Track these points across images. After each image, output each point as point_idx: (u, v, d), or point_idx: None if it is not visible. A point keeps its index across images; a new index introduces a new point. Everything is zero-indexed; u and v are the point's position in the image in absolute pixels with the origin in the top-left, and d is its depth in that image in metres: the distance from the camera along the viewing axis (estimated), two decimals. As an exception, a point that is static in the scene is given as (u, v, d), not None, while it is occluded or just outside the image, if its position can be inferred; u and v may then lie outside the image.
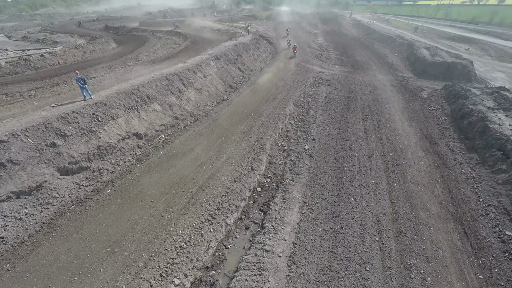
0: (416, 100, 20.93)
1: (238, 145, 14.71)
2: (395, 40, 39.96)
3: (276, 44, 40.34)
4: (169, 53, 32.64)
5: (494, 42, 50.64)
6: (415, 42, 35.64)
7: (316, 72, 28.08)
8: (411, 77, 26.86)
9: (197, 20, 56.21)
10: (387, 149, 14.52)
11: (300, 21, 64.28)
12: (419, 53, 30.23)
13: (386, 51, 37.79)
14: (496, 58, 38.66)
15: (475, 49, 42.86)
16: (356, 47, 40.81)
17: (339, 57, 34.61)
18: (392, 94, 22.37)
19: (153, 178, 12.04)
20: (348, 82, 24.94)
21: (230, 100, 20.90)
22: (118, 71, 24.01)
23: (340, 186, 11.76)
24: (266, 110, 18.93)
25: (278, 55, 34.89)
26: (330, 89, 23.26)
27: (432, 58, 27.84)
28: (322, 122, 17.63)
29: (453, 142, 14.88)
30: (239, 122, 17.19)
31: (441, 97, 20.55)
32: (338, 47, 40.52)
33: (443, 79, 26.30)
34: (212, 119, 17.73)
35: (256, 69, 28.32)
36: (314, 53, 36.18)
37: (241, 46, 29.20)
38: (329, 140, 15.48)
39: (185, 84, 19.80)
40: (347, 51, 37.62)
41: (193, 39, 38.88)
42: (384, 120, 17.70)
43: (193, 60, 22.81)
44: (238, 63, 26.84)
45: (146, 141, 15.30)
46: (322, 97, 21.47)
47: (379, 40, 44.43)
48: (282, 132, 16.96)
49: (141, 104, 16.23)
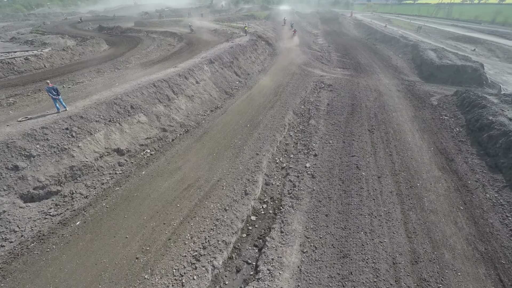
0: (425, 108, 19.24)
1: (231, 163, 13.03)
2: (399, 41, 38.22)
3: (275, 45, 38.61)
4: (162, 55, 30.92)
5: (499, 42, 48.92)
6: (420, 43, 33.91)
7: (317, 76, 26.37)
8: (418, 81, 25.16)
9: (193, 20, 54.38)
10: (399, 167, 12.85)
11: (300, 20, 62.47)
12: (425, 55, 28.52)
13: (389, 53, 36.06)
14: (504, 59, 36.96)
15: (482, 50, 41.15)
16: (358, 48, 39.06)
17: (341, 59, 32.88)
18: (399, 100, 20.67)
19: (132, 206, 10.37)
20: (351, 87, 23.23)
21: (224, 108, 19.20)
22: (106, 76, 22.32)
23: (347, 215, 10.10)
24: (263, 120, 17.23)
25: (277, 57, 33.15)
26: (332, 95, 21.56)
27: (440, 60, 26.13)
28: (324, 133, 15.94)
29: (472, 158, 13.21)
30: (233, 135, 15.49)
31: (453, 104, 18.86)
32: (339, 48, 38.77)
33: (452, 83, 24.61)
34: (204, 131, 16.04)
35: (253, 73, 26.59)
36: (315, 55, 34.45)
37: (237, 48, 27.46)
38: (332, 156, 13.80)
39: (175, 91, 18.10)
40: (349, 53, 35.89)
41: (189, 40, 37.15)
42: (392, 132, 16.02)
43: (184, 65, 21.08)
44: (234, 66, 25.12)
45: (129, 157, 13.62)
46: (324, 105, 19.78)
47: (381, 40, 42.68)
48: (281, 145, 15.28)
49: (124, 115, 14.53)
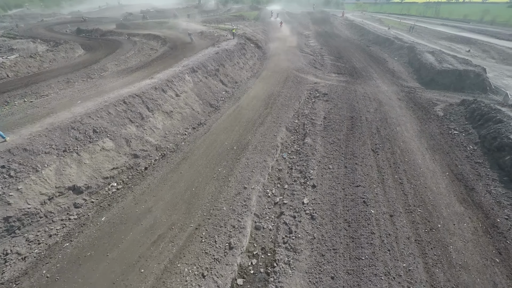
0: (431, 120, 17.34)
1: (213, 201, 10.70)
2: (393, 42, 36.51)
3: (265, 48, 36.31)
4: (143, 61, 28.25)
5: (491, 42, 48.05)
6: (416, 45, 32.24)
7: (311, 83, 24.23)
8: (418, 88, 23.33)
9: (179, 22, 51.53)
10: (413, 200, 10.79)
11: (290, 21, 60.35)
12: (423, 59, 26.78)
13: (384, 55, 34.28)
14: (500, 61, 35.77)
15: (476, 51, 39.95)
16: (351, 50, 37.17)
17: (335, 63, 30.86)
18: (401, 111, 18.72)
19: (81, 273, 7.93)
20: (348, 96, 21.17)
21: (208, 124, 16.80)
22: (77, 87, 19.65)
23: (358, 277, 7.94)
24: (253, 140, 14.92)
25: (267, 61, 30.86)
26: (328, 105, 19.43)
27: (440, 65, 24.40)
28: (322, 156, 13.77)
29: (495, 186, 11.29)
30: (217, 161, 13.13)
31: (461, 116, 17.02)
32: (332, 50, 36.79)
33: (454, 89, 22.90)
34: (183, 155, 13.62)
35: (241, 81, 24.23)
36: (307, 58, 32.32)
37: (223, 54, 25.02)
38: (334, 186, 11.64)
39: (150, 107, 15.58)
40: (342, 56, 33.92)
41: (173, 43, 34.50)
42: (399, 152, 13.99)
43: (162, 75, 18.54)
44: (220, 74, 22.69)
45: (89, 195, 11.11)
46: (320, 118, 17.63)
47: (375, 42, 40.94)
48: (273, 172, 13.02)
49: (84, 142, 11.97)
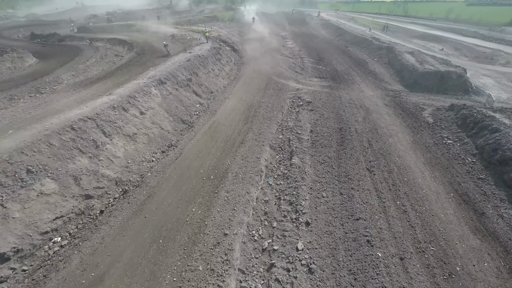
0: (423, 129, 16.21)
1: (186, 257, 8.45)
2: (372, 43, 35.92)
3: (242, 51, 34.21)
4: (105, 70, 25.16)
5: (460, 39, 49.51)
6: (395, 46, 31.73)
7: (293, 90, 22.51)
8: (402, 91, 22.42)
9: (149, 24, 47.95)
10: (422, 234, 9.27)
11: (266, 21, 58.68)
12: (404, 60, 26.08)
13: (364, 56, 33.51)
14: (472, 59, 36.45)
15: (449, 49, 40.61)
16: (331, 51, 36.10)
17: (315, 66, 29.46)
18: (390, 119, 17.49)
19: None
20: (334, 103, 19.68)
21: (180, 146, 14.41)
22: (22, 105, 16.55)
23: None
24: (232, 165, 12.79)
25: (245, 66, 28.77)
26: (314, 116, 17.76)
27: (422, 66, 23.71)
28: (314, 180, 11.97)
29: (506, 208, 10.09)
30: (190, 197, 10.85)
31: (452, 122, 16.05)
32: (311, 52, 35.46)
33: (437, 91, 22.26)
34: (149, 192, 11.19)
35: (218, 90, 21.95)
36: (287, 62, 30.65)
37: (196, 61, 22.57)
38: (331, 221, 9.85)
39: (108, 131, 12.92)
40: (322, 58, 32.66)
41: (141, 48, 31.46)
42: (396, 169, 12.55)
43: (124, 90, 15.83)
44: (193, 84, 20.24)
45: (20, 260, 8.41)
46: (307, 131, 15.88)
47: (353, 42, 40.29)
48: (258, 205, 11.00)
49: (12, 188, 9.20)
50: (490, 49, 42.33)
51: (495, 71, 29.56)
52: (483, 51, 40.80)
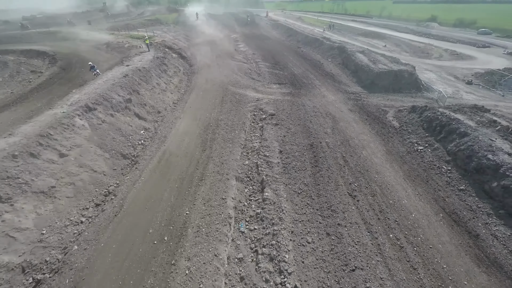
0: (392, 135, 15.49)
1: None
2: (323, 43, 35.76)
3: (191, 57, 30.88)
4: (16, 94, 20.11)
5: (397, 35, 53.27)
6: (345, 45, 31.85)
7: (253, 100, 20.35)
8: (362, 93, 21.98)
9: (77, 31, 41.13)
10: (427, 279, 7.86)
11: (215, 24, 55.57)
12: (358, 60, 25.96)
13: (317, 56, 33.05)
14: (412, 54, 38.95)
15: (391, 45, 43.01)
16: (285, 53, 34.93)
17: (272, 71, 27.78)
18: (358, 126, 16.50)
19: None
20: (298, 113, 18.06)
21: (121, 194, 11.05)
22: None
23: None
24: (192, 215, 10.00)
25: (196, 75, 25.67)
26: (280, 131, 15.83)
27: (376, 66, 23.68)
28: (294, 219, 9.93)
29: (495, 224, 9.37)
30: (137, 280, 7.83)
31: (417, 125, 15.65)
32: (266, 55, 33.78)
33: (393, 90, 22.37)
34: (75, 279, 7.84)
35: (166, 108, 18.62)
36: (242, 68, 28.38)
37: (136, 75, 18.84)
38: (324, 281, 7.87)
39: (5, 194, 9.03)
40: (278, 61, 31.18)
41: (66, 61, 26.18)
42: (379, 191, 11.24)
43: (31, 127, 11.72)
44: (134, 105, 16.63)
45: None
46: (275, 152, 13.84)
47: (304, 42, 39.87)
48: (231, 267, 8.51)
49: None
50: (422, 43, 46.06)
51: (433, 65, 31.60)
52: (417, 45, 44.14)
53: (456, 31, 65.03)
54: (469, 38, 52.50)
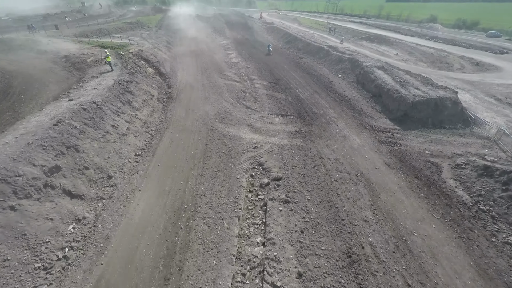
0: (471, 227, 9.70)
1: None
2: (329, 53, 29.79)
3: (171, 74, 24.55)
4: None
5: (402, 39, 47.68)
6: (358, 58, 25.98)
7: (248, 147, 14.32)
8: (394, 130, 16.18)
9: (38, 39, 34.16)
10: None
11: (203, 27, 48.88)
12: (380, 81, 20.11)
13: (324, 70, 27.10)
14: (430, 64, 33.35)
15: (403, 53, 37.32)
16: (285, 66, 28.82)
17: (272, 93, 21.70)
18: (411, 204, 10.65)
19: None
20: (317, 176, 12.10)
21: None
22: None
23: None
24: None
25: (174, 103, 19.37)
26: (294, 220, 9.85)
27: (408, 92, 17.87)
28: None
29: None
30: None
31: (503, 204, 9.93)
32: (262, 69, 27.61)
33: (432, 124, 16.66)
34: None
35: (122, 169, 12.37)
36: (233, 89, 22.19)
37: (78, 120, 12.48)
38: None
39: None
40: (278, 78, 25.08)
41: (5, 83, 19.83)
42: None
43: None
44: (64, 175, 10.38)
45: None
46: (292, 277, 7.92)
47: (306, 51, 33.82)
48: None
49: None
50: (433, 49, 40.71)
51: (461, 81, 26.05)
52: (430, 52, 38.65)
53: (462, 34, 60.07)
54: (480, 42, 47.40)
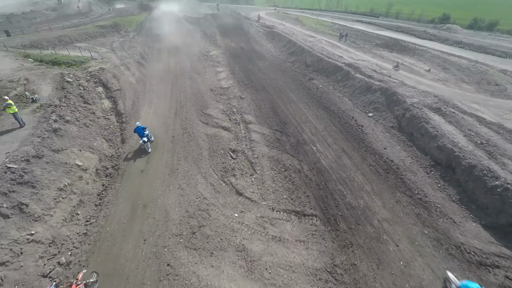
0: None
1: None
2: (349, 75, 21.89)
3: (131, 115, 16.67)
4: None
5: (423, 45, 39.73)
6: (396, 89, 18.17)
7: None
8: (495, 255, 8.69)
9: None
10: None
11: (191, 31, 40.40)
12: (453, 146, 12.44)
13: (346, 103, 19.30)
14: (475, 85, 25.30)
15: (436, 69, 29.34)
16: (291, 95, 20.87)
17: (278, 157, 13.84)
18: None
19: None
20: None
21: None
22: None
23: None
24: None
25: (119, 185, 11.57)
26: None
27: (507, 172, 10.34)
28: None
29: None
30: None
31: None
32: (261, 101, 19.66)
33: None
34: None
35: None
36: (218, 146, 14.32)
37: None
38: None
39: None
40: (284, 121, 17.19)
41: None
42: None
43: None
44: None
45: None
46: None
47: (316, 69, 25.83)
48: None
49: None
50: (465, 59, 33.02)
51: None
52: (464, 64, 30.82)
53: (486, 37, 52.12)
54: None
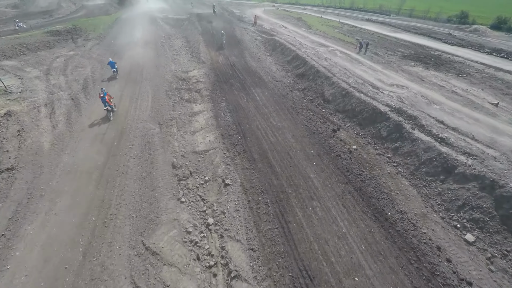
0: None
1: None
2: (402, 130, 12.96)
3: None
4: None
5: (460, 56, 30.84)
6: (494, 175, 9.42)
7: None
8: None
9: None
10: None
11: (168, 38, 30.73)
12: None
13: (414, 201, 10.51)
14: None
15: (506, 101, 20.52)
16: (308, 171, 11.95)
17: None
18: None
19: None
20: None
21: None
22: None
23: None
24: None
25: None
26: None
27: None
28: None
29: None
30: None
31: None
32: (258, 189, 10.75)
33: None
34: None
35: None
36: None
37: None
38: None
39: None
40: (304, 247, 8.43)
41: None
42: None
43: None
44: None
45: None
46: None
47: (342, 109, 16.70)
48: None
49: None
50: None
51: None
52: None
53: (524, 42, 42.77)
54: None
